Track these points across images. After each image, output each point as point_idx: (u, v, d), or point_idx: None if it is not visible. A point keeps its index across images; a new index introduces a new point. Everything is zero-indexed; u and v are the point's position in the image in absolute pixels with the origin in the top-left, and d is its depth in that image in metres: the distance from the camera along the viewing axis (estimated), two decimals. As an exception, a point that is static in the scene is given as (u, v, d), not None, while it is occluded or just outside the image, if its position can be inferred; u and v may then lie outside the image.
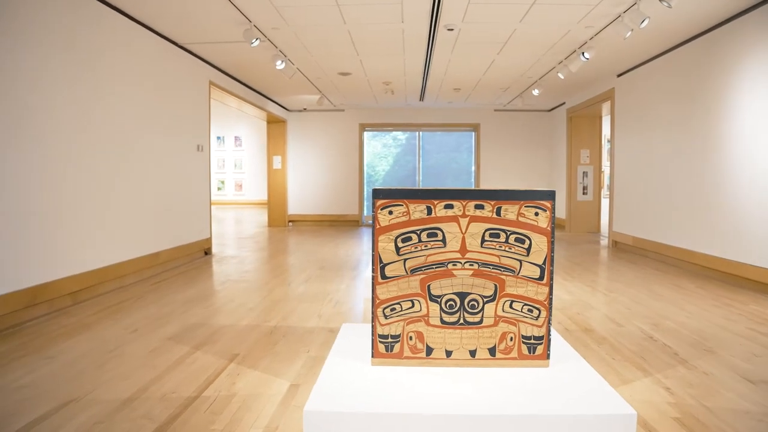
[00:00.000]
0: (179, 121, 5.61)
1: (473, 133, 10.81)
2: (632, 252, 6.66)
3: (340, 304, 3.86)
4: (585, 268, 5.50)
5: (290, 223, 10.69)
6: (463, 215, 1.97)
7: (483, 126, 10.64)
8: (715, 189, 4.88)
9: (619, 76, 6.99)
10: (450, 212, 1.97)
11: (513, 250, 1.99)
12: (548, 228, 1.98)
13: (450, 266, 2.00)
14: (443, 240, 1.99)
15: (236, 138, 19.10)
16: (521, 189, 1.98)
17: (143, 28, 4.78)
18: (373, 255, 2.01)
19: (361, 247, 7.31)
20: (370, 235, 9.02)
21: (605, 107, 8.24)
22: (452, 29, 4.97)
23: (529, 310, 2.01)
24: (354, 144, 10.66)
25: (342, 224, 10.70)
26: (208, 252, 6.38)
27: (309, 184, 10.71)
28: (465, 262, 2.00)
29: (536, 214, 1.97)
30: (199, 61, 6.01)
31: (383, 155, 11.04)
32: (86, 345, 2.88)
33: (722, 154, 4.78)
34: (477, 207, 1.97)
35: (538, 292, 2.00)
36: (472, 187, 1.98)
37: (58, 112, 3.67)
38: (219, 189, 19.37)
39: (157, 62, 5.10)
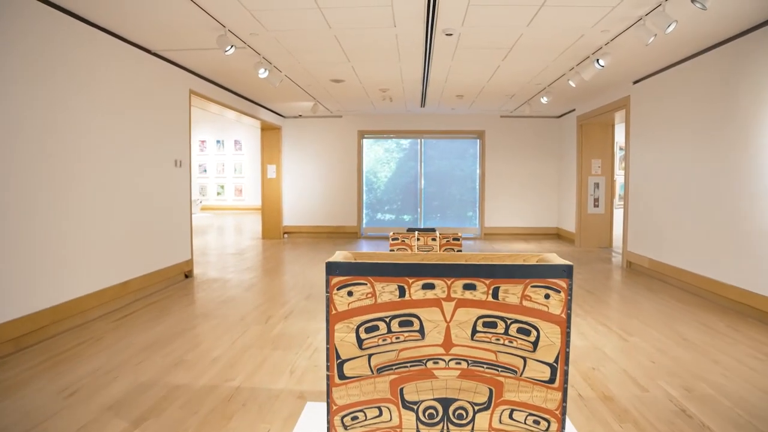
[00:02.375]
0: (155, 133, 5.14)
1: (478, 141, 10.28)
2: (648, 275, 6.12)
3: (318, 353, 3.36)
4: (598, 299, 4.97)
5: (286, 235, 10.21)
6: (448, 298, 1.47)
7: (488, 133, 10.11)
8: (748, 211, 4.34)
9: (635, 83, 6.44)
10: (430, 294, 1.47)
11: (515, 344, 1.49)
12: (563, 315, 1.47)
13: (430, 364, 1.50)
14: (421, 330, 1.49)
15: (236, 142, 18.67)
16: (529, 264, 1.48)
17: (108, 35, 4.31)
18: (327, 348, 1.52)
19: (355, 266, 6.81)
20: (369, 249, 8.49)
21: (619, 115, 7.69)
22: (451, 34, 4.45)
23: (535, 422, 1.50)
24: (353, 152, 10.17)
25: (340, 236, 10.21)
26: (189, 275, 5.91)
27: (305, 193, 10.23)
28: (450, 360, 1.49)
29: (547, 296, 1.46)
30: (177, 68, 5.53)
31: (385, 161, 10.54)
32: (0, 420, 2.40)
33: (755, 172, 4.24)
34: (467, 287, 1.46)
35: (548, 398, 1.49)
36: (459, 262, 1.40)
37: (13, 125, 3.21)
38: (218, 194, 18.95)
39: (127, 70, 4.63)
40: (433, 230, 4.71)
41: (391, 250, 3.71)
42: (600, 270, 6.59)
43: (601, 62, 4.75)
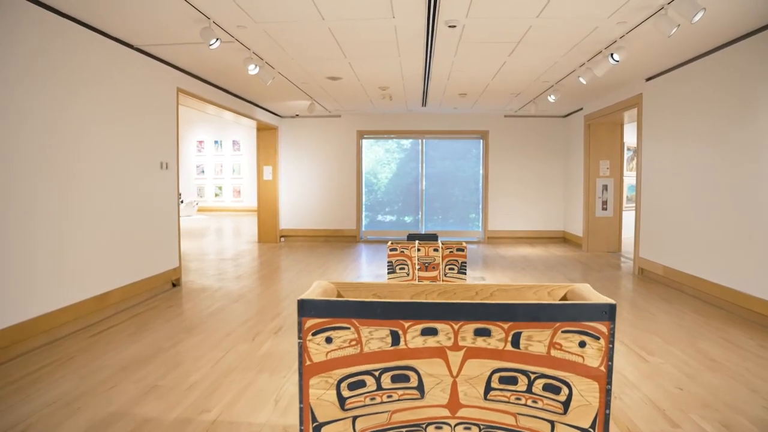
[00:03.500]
0: (138, 134, 4.82)
1: (481, 141, 9.94)
2: (663, 283, 5.78)
3: (308, 377, 3.03)
4: (612, 310, 4.63)
5: (282, 239, 9.89)
6: (455, 346, 1.15)
7: (492, 133, 9.78)
8: (775, 220, 4.00)
9: (648, 80, 6.11)
10: (432, 341, 1.14)
11: (540, 404, 1.16)
12: (602, 368, 1.14)
13: (431, 430, 1.17)
14: (419, 387, 1.16)
15: (234, 142, 18.36)
16: (559, 303, 1.14)
17: (83, 27, 3.99)
18: (301, 408, 1.19)
19: (356, 271, 6.48)
20: (368, 255, 8.25)
21: (629, 114, 7.35)
22: (454, 26, 4.13)
23: (567, 503, 1.17)
24: (351, 152, 9.84)
25: (338, 240, 9.88)
26: (176, 283, 5.59)
27: (303, 196, 9.90)
28: (457, 425, 1.17)
29: (582, 344, 1.13)
30: (163, 65, 5.21)
31: (386, 161, 10.20)
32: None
33: (785, 179, 3.90)
34: (479, 333, 1.14)
35: (584, 474, 1.16)
36: (468, 301, 0.99)
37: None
38: (216, 195, 18.64)
39: (107, 66, 4.31)
40: (435, 237, 4.38)
41: (388, 263, 3.38)
42: (610, 277, 6.26)
43: (616, 57, 4.42)
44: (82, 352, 3.45)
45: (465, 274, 3.36)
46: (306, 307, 1.15)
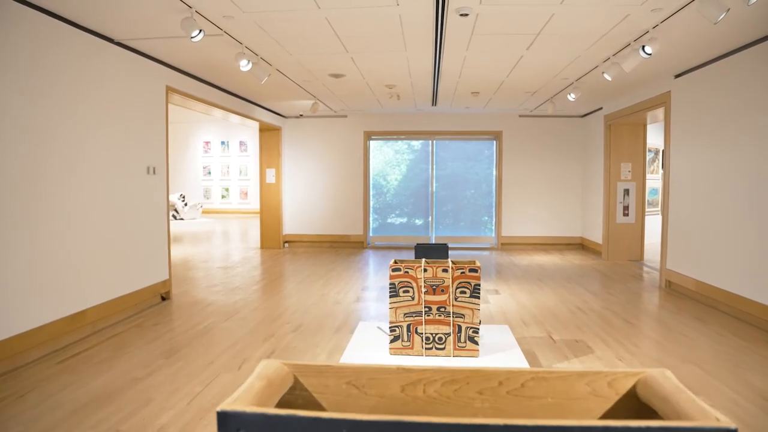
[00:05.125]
0: (122, 136, 4.43)
1: (494, 142, 9.46)
2: (693, 299, 5.27)
3: None
4: (639, 331, 4.15)
5: (286, 244, 9.48)
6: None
7: (506, 134, 9.29)
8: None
9: (677, 76, 5.60)
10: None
11: None
12: None
13: None
14: None
15: (241, 143, 18.03)
16: (634, 425, 0.69)
17: (56, 20, 3.60)
18: None
19: (361, 283, 6.05)
20: (374, 263, 7.78)
21: (651, 114, 6.85)
22: (467, 14, 3.67)
23: None
24: (358, 154, 9.41)
25: (345, 246, 9.45)
26: (166, 297, 5.19)
27: (307, 200, 9.49)
28: None
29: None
30: (150, 61, 4.81)
31: (396, 163, 9.75)
32: None
33: None
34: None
35: None
36: (490, 422, 0.43)
37: None
38: (223, 197, 18.32)
39: (84, 62, 3.91)
40: (445, 248, 3.94)
41: (390, 285, 2.94)
42: (635, 290, 5.76)
43: (648, 49, 3.94)
44: (44, 384, 3.05)
45: (478, 298, 2.91)
46: (228, 423, 0.72)
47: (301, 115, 9.18)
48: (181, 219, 15.23)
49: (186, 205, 15.33)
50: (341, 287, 5.90)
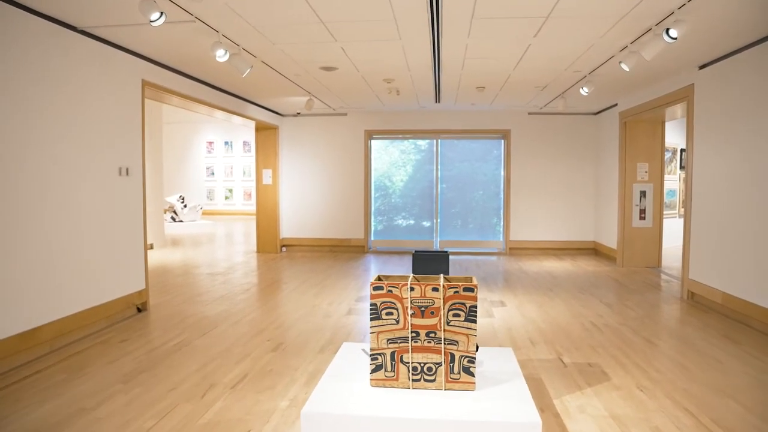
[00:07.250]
0: (89, 134, 4.03)
1: (502, 141, 8.98)
2: (721, 313, 4.77)
3: (251, 472, 2.18)
4: (663, 353, 3.67)
5: (283, 248, 9.07)
6: None
7: (514, 132, 8.81)
8: None
9: (701, 67, 5.10)
10: None
11: None
12: None
13: None
14: None
15: (245, 143, 17.67)
16: None
17: (10, 5, 3.20)
18: None
19: (356, 292, 5.61)
20: (374, 270, 7.29)
21: (670, 110, 6.33)
22: (464, -6, 3.23)
23: None
24: (359, 154, 8.97)
25: (345, 250, 9.01)
26: (142, 308, 4.79)
27: (306, 202, 9.06)
28: None
29: None
30: (122, 52, 4.41)
31: (401, 163, 9.28)
32: None
33: None
34: None
35: None
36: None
37: None
38: (227, 198, 17.98)
39: (44, 53, 3.52)
40: (446, 257, 3.50)
41: (371, 306, 2.50)
42: (654, 302, 5.26)
43: (673, 33, 3.46)
44: (-26, 417, 2.65)
45: (475, 322, 2.46)
46: None
47: (298, 113, 8.76)
48: (180, 221, 14.88)
49: (185, 206, 14.98)
50: (334, 297, 5.47)
